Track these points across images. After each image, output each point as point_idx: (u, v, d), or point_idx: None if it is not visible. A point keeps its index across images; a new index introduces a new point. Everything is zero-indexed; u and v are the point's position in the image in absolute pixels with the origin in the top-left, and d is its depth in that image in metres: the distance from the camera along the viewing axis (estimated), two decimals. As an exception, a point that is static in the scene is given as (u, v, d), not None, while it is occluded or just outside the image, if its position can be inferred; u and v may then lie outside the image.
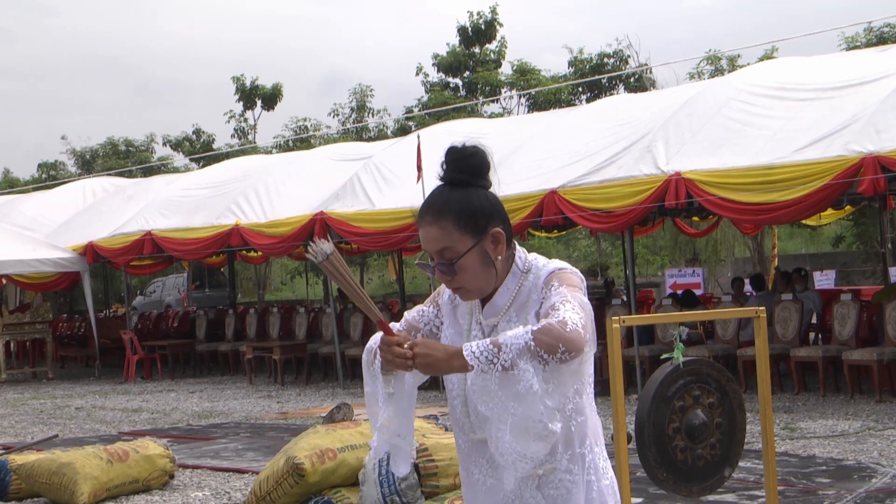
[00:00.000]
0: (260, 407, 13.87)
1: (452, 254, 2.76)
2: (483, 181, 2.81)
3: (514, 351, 2.54)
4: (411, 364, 2.64)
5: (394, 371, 2.78)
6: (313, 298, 29.24)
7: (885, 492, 7.05)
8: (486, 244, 2.77)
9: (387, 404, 2.82)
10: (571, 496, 2.77)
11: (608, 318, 3.36)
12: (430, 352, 2.63)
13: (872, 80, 11.99)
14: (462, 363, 2.59)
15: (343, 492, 6.41)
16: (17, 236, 20.57)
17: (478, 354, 2.57)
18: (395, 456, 2.89)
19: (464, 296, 2.84)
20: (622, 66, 33.44)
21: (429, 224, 2.78)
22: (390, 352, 2.66)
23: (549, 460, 2.76)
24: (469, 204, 2.76)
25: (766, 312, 3.84)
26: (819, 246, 32.97)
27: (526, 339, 2.55)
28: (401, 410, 2.83)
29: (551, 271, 2.80)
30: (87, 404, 15.17)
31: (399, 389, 2.81)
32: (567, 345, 2.54)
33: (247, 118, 40.57)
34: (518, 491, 2.79)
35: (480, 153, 2.81)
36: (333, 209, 15.66)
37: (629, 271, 14.35)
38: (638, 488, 6.48)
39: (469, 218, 2.75)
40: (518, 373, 2.54)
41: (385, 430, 2.84)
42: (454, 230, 2.75)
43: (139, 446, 8.31)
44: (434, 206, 2.78)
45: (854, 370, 11.78)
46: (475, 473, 2.86)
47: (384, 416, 2.82)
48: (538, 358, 2.54)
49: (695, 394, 3.57)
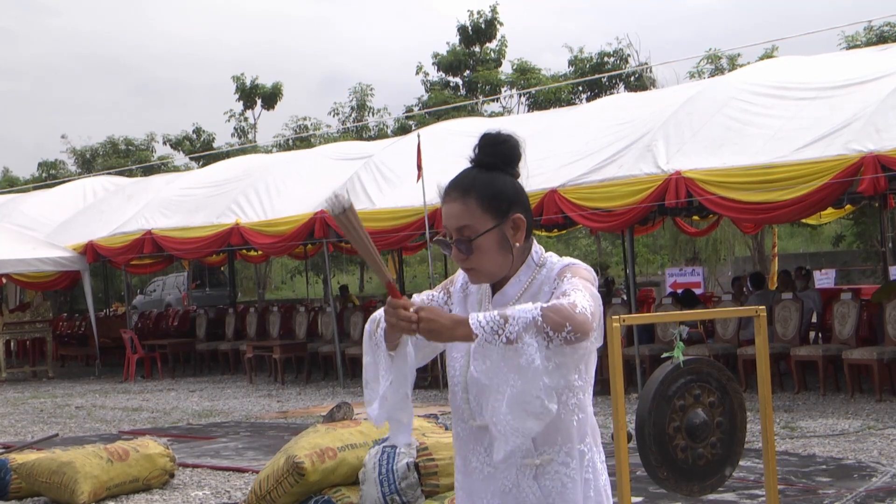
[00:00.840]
0: (260, 406, 13.88)
1: (471, 232, 2.78)
2: (512, 169, 2.84)
3: (521, 324, 2.55)
4: (415, 328, 2.64)
5: (397, 344, 2.77)
6: (313, 297, 29.23)
7: (885, 491, 7.05)
8: (507, 228, 2.80)
9: (388, 372, 2.80)
10: (567, 490, 2.78)
11: (608, 318, 3.36)
12: (435, 317, 2.63)
13: (872, 80, 11.99)
14: (466, 332, 2.60)
15: (343, 491, 6.41)
16: (17, 235, 20.57)
17: (483, 324, 2.58)
18: (393, 428, 2.88)
19: (475, 278, 2.85)
20: (622, 66, 33.44)
21: (453, 200, 2.81)
22: (395, 314, 2.65)
23: (546, 451, 2.77)
24: (494, 186, 2.79)
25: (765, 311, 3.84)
26: (819, 245, 32.98)
27: (534, 314, 2.56)
28: (399, 384, 2.81)
29: (565, 265, 2.83)
30: (87, 403, 15.17)
31: (400, 364, 2.80)
32: (574, 325, 2.55)
33: (247, 117, 40.60)
34: (515, 479, 2.79)
35: (513, 141, 2.84)
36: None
37: (629, 270, 14.35)
38: (638, 487, 6.48)
39: (493, 199, 2.78)
40: (522, 346, 2.55)
41: (385, 400, 2.82)
42: (477, 209, 2.77)
43: (139, 445, 8.31)
44: (460, 183, 2.82)
45: (854, 369, 11.78)
46: (473, 461, 2.86)
47: (384, 387, 2.81)
48: (543, 334, 2.54)
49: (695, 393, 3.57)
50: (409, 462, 6.24)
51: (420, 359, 2.90)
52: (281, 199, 17.25)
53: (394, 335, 2.76)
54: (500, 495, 2.81)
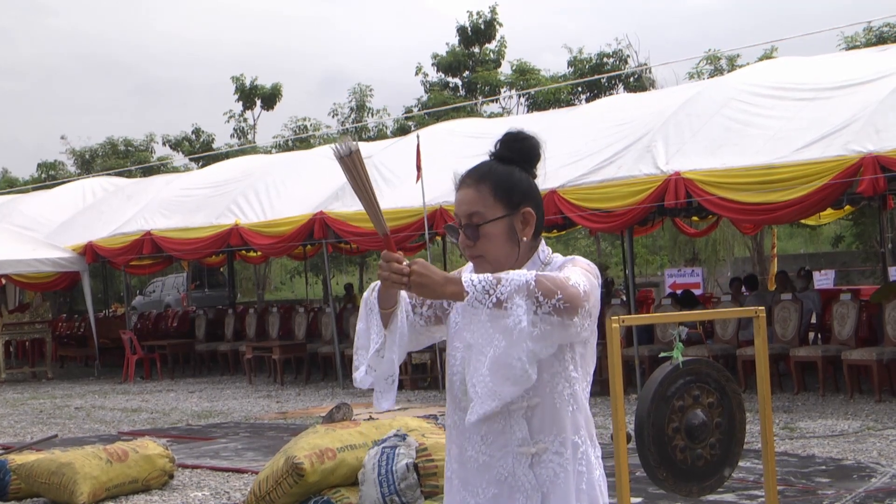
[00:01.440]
0: (259, 407, 13.87)
1: (480, 218, 2.82)
2: (530, 167, 2.91)
3: (513, 285, 2.60)
4: (406, 281, 2.65)
5: (392, 307, 2.80)
6: (313, 298, 29.23)
7: (885, 491, 7.05)
8: (516, 220, 2.84)
9: (376, 339, 2.84)
10: (559, 479, 2.79)
11: (608, 318, 3.36)
12: (427, 272, 2.64)
13: (872, 80, 11.99)
14: (457, 290, 2.62)
15: (342, 491, 6.41)
16: (17, 236, 20.57)
17: (476, 283, 2.61)
18: (378, 391, 2.89)
19: (480, 267, 2.87)
20: (622, 66, 33.43)
21: (467, 186, 2.87)
22: (389, 267, 2.67)
23: (542, 440, 2.79)
24: (509, 178, 2.85)
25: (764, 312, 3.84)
26: (819, 246, 32.98)
27: (527, 278, 2.61)
28: (388, 348, 2.84)
29: (568, 259, 2.89)
30: (86, 404, 15.16)
31: (391, 329, 2.83)
32: (565, 295, 2.60)
33: (246, 118, 40.59)
34: (511, 468, 2.81)
35: (534, 141, 2.92)
36: (333, 209, 15.65)
37: (629, 271, 14.36)
38: (637, 488, 6.48)
39: (506, 190, 2.84)
40: (510, 307, 2.59)
41: (370, 369, 2.86)
42: (489, 196, 2.82)
43: (139, 446, 8.31)
44: (477, 171, 2.88)
45: (853, 370, 11.78)
46: (468, 450, 2.87)
47: (374, 349, 2.84)
48: (534, 298, 2.59)
49: (694, 393, 3.57)
50: (408, 463, 6.24)
51: (416, 341, 2.94)
52: (280, 200, 17.25)
53: (388, 298, 2.80)
54: (496, 484, 2.83)
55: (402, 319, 2.84)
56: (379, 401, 2.91)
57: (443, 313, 2.96)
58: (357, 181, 2.71)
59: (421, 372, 15.14)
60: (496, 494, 2.83)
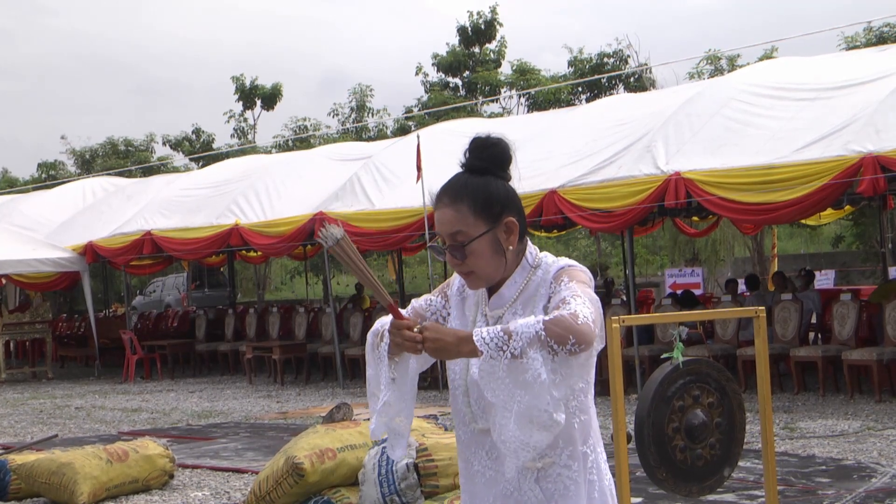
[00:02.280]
0: (259, 407, 13.87)
1: (464, 237, 2.78)
2: (503, 172, 2.85)
3: (525, 339, 2.55)
4: (421, 348, 2.66)
5: (400, 355, 2.80)
6: (313, 298, 29.23)
7: (885, 491, 7.05)
8: (499, 232, 2.80)
9: (389, 388, 2.83)
10: (569, 492, 2.78)
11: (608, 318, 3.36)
12: (440, 336, 2.64)
13: (872, 80, 11.99)
14: (472, 349, 2.61)
15: (343, 491, 6.41)
16: (17, 236, 20.57)
17: (488, 341, 2.58)
18: (392, 440, 2.90)
19: (472, 282, 2.86)
20: (622, 66, 33.42)
21: (445, 206, 2.81)
22: (400, 335, 2.67)
23: (548, 454, 2.77)
24: (486, 191, 2.79)
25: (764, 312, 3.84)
26: (819, 246, 32.97)
27: (537, 329, 2.56)
28: (402, 395, 2.84)
29: (561, 267, 2.83)
30: (86, 404, 15.16)
31: (402, 374, 2.83)
32: (577, 337, 2.55)
33: (246, 118, 40.58)
34: (517, 483, 2.80)
35: (503, 144, 2.85)
36: (333, 209, 15.65)
37: (629, 271, 14.35)
38: (637, 488, 6.48)
39: (485, 204, 2.78)
40: (527, 361, 2.55)
41: (384, 413, 2.85)
42: (469, 214, 2.78)
43: (139, 446, 8.31)
44: (451, 189, 2.82)
45: (854, 370, 11.78)
46: (474, 464, 2.87)
47: (384, 398, 2.83)
48: (548, 348, 2.55)
49: (694, 393, 3.57)
50: (408, 463, 6.24)
51: (422, 364, 2.92)
52: (280, 200, 17.25)
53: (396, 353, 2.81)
54: (502, 498, 2.82)
55: (413, 366, 2.85)
56: (393, 449, 2.92)
57: None
58: (350, 263, 2.71)
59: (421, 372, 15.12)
60: None
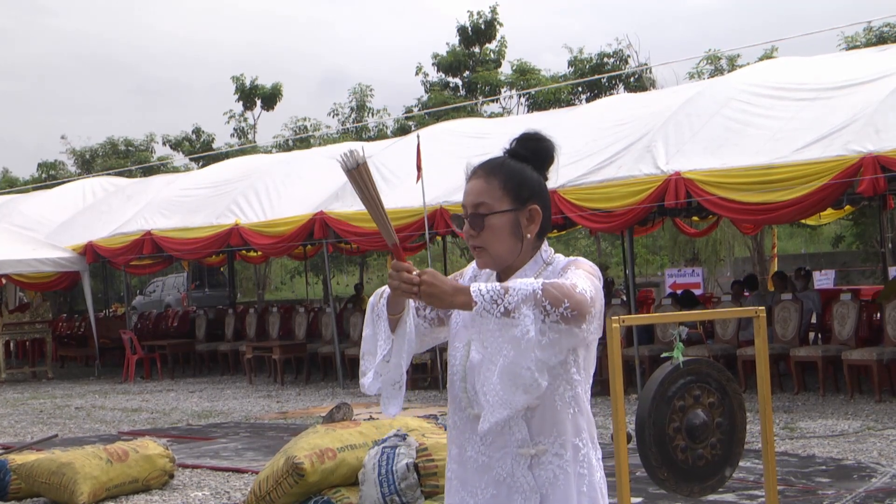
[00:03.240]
0: (260, 407, 13.87)
1: (487, 209, 2.83)
2: (542, 168, 2.92)
3: (521, 295, 2.61)
4: (416, 291, 2.67)
5: (400, 313, 2.82)
6: (313, 298, 29.23)
7: (885, 491, 7.05)
8: (522, 216, 2.85)
9: (387, 343, 2.85)
10: (558, 481, 2.80)
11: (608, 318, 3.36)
12: (437, 282, 2.67)
13: (872, 80, 11.99)
14: (466, 300, 2.64)
15: (343, 491, 6.41)
16: (17, 236, 20.56)
17: (484, 293, 2.63)
18: (386, 397, 2.92)
19: (482, 259, 2.89)
20: (622, 66, 33.41)
21: (477, 178, 2.88)
22: (399, 276, 2.68)
23: (541, 441, 2.80)
24: (520, 174, 2.87)
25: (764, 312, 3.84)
26: (819, 246, 32.97)
27: (535, 287, 2.62)
28: (399, 351, 2.85)
29: (570, 260, 2.90)
30: (86, 404, 15.16)
31: (401, 334, 2.84)
32: (572, 303, 2.61)
33: (246, 118, 40.57)
34: (511, 469, 2.82)
35: (550, 143, 2.94)
36: (333, 209, 15.65)
37: (629, 271, 14.36)
38: (638, 488, 6.48)
39: (516, 184, 2.85)
40: (518, 317, 2.60)
41: (381, 370, 2.87)
42: (497, 189, 2.84)
43: (139, 446, 8.31)
44: (488, 164, 2.90)
45: (854, 370, 11.78)
46: (468, 450, 2.88)
47: (382, 353, 2.85)
48: (541, 307, 2.60)
49: (695, 393, 3.57)
50: (408, 463, 6.24)
51: (420, 343, 2.94)
52: (280, 200, 17.26)
53: (397, 304, 2.82)
54: (495, 484, 2.84)
55: (411, 324, 2.85)
56: (387, 406, 2.94)
57: (445, 315, 2.97)
58: (365, 192, 2.71)
59: (421, 372, 15.13)
60: (494, 495, 2.84)
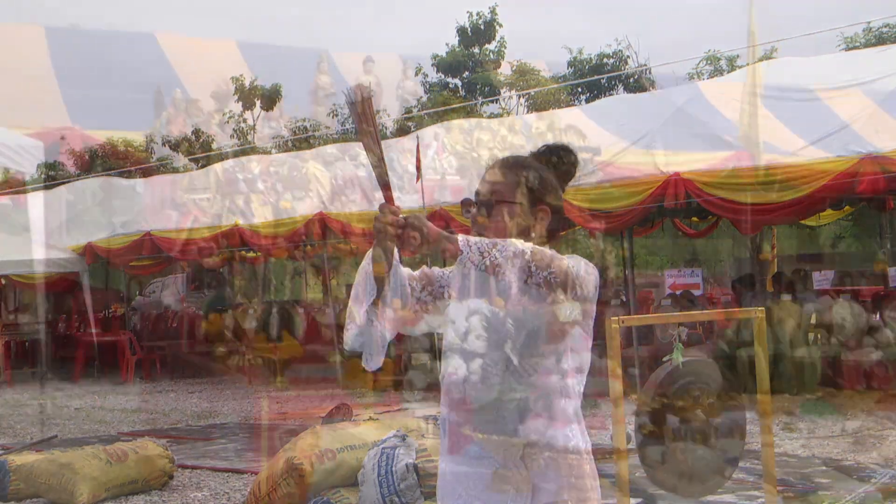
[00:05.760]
0: (259, 407, 13.87)
1: (498, 196, 2.86)
2: (563, 177, 2.97)
3: (509, 251, 2.60)
4: (401, 232, 2.65)
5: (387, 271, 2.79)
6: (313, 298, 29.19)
7: (885, 492, 7.05)
8: (531, 213, 2.88)
9: (373, 292, 2.82)
10: (549, 472, 2.82)
11: (608, 318, 3.36)
12: (422, 224, 2.65)
13: (872, 80, 12.00)
14: (452, 246, 2.62)
15: (342, 492, 6.41)
16: (17, 236, 20.55)
17: (472, 243, 2.62)
18: (368, 350, 2.88)
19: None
20: (622, 67, 33.42)
21: (497, 168, 2.92)
22: (384, 217, 2.66)
23: (532, 432, 2.81)
24: (541, 175, 2.91)
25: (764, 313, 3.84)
26: (818, 246, 32.94)
27: (523, 247, 2.63)
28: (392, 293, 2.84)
29: (569, 256, 2.89)
30: (86, 405, 15.16)
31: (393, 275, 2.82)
32: (558, 271, 2.64)
33: (246, 118, 40.56)
34: (502, 460, 2.83)
35: (576, 159, 3.00)
36: (333, 209, 15.65)
37: (629, 271, 14.35)
38: (637, 489, 6.47)
39: (532, 183, 2.88)
40: (502, 272, 2.60)
41: (366, 324, 2.84)
42: (514, 182, 2.87)
43: (138, 447, 8.30)
44: (512, 160, 2.94)
45: (853, 370, 11.77)
46: (461, 443, 2.89)
47: (369, 301, 2.82)
48: (526, 266, 2.60)
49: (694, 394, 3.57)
50: (408, 463, 6.24)
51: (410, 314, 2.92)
52: (280, 200, 17.25)
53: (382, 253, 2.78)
54: (487, 476, 2.85)
55: (402, 273, 2.84)
56: (368, 361, 2.90)
57: (440, 299, 2.96)
58: (365, 126, 2.72)
59: (421, 372, 15.11)
60: (487, 486, 2.84)
